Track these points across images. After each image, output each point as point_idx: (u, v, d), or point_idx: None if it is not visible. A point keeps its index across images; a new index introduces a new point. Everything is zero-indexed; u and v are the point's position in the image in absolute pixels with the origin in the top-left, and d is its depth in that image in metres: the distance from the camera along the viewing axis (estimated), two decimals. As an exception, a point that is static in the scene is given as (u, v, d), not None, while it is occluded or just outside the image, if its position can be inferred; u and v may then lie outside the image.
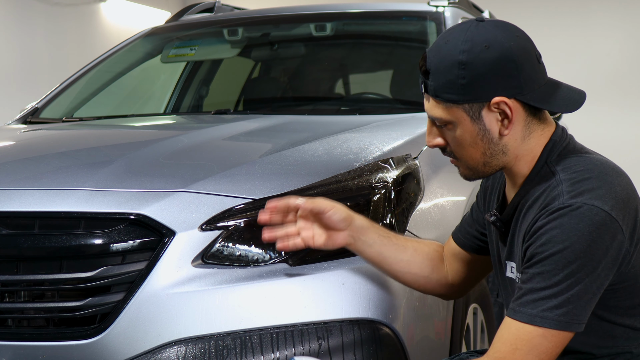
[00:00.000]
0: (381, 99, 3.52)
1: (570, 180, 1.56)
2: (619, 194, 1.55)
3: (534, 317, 1.53)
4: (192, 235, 1.87)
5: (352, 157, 2.16)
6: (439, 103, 1.63)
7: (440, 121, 1.65)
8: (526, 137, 1.64)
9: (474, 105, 1.60)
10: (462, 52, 1.58)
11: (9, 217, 1.92)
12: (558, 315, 1.52)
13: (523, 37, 1.62)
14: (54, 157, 2.35)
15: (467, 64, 1.57)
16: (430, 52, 1.64)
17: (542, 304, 1.53)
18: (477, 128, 1.62)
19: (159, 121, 3.39)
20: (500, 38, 1.58)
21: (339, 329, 1.85)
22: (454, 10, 3.47)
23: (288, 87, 3.78)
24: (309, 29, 3.63)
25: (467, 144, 1.64)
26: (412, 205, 2.16)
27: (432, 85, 1.62)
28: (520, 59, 1.58)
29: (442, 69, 1.60)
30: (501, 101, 1.59)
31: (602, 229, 1.51)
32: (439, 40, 1.64)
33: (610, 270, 1.54)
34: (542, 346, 1.54)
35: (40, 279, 1.86)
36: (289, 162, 2.15)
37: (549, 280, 1.52)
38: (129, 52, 3.74)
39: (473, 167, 1.68)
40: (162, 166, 2.14)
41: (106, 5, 7.80)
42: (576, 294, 1.52)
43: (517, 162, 1.66)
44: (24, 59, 6.85)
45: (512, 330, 1.56)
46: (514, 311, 1.57)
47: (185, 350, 1.80)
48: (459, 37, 1.60)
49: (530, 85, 1.59)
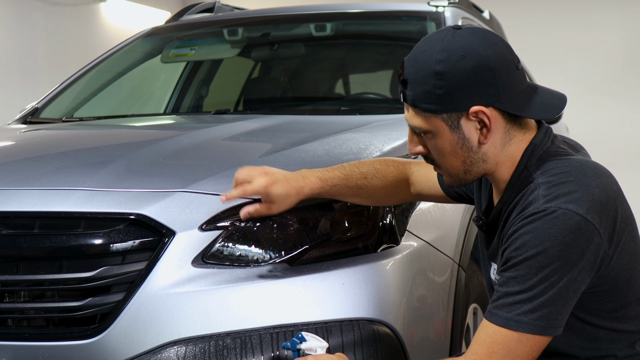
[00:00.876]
0: (381, 99, 3.52)
1: (547, 184, 1.56)
2: (597, 196, 1.54)
3: (509, 321, 1.54)
4: (192, 235, 1.87)
5: (352, 157, 2.16)
6: (417, 113, 1.62)
7: (420, 130, 1.64)
8: (506, 143, 1.63)
9: (452, 115, 1.59)
10: (438, 62, 1.57)
11: (9, 217, 1.92)
12: (533, 320, 1.52)
13: (500, 44, 1.60)
14: (54, 157, 2.35)
15: (444, 74, 1.56)
16: (408, 62, 1.63)
17: (517, 308, 1.53)
18: (456, 137, 1.61)
19: (159, 121, 3.39)
20: (477, 46, 1.57)
21: (339, 329, 1.85)
22: (454, 10, 3.47)
23: (288, 87, 3.78)
24: (309, 29, 3.63)
25: (447, 153, 1.64)
26: (412, 205, 2.16)
27: (410, 95, 1.62)
28: (498, 67, 1.56)
29: (419, 79, 1.59)
30: (479, 110, 1.58)
31: (576, 233, 1.51)
32: (416, 49, 1.63)
33: (587, 274, 1.54)
34: (518, 350, 1.54)
35: (40, 279, 1.86)
36: (289, 162, 2.15)
37: (523, 284, 1.53)
38: (129, 52, 3.74)
39: (454, 175, 1.68)
40: (162, 166, 2.14)
41: (106, 5, 7.80)
42: (551, 298, 1.52)
43: (498, 168, 1.65)
44: (23, 58, 6.85)
45: (489, 332, 1.56)
46: (490, 313, 1.57)
47: (185, 350, 1.80)
48: (435, 46, 1.59)
49: (509, 93, 1.58)
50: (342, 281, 1.89)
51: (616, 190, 1.59)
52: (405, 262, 2.01)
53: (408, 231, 2.09)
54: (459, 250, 2.30)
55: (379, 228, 2.01)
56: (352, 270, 1.90)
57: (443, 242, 2.23)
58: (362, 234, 1.99)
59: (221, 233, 1.89)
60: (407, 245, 2.05)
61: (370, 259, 1.95)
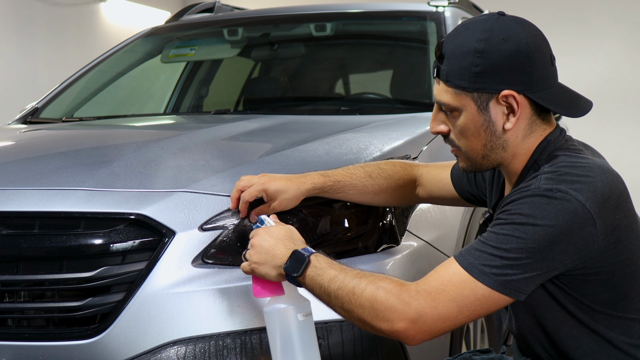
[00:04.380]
0: (381, 99, 3.52)
1: (552, 172, 1.57)
2: (599, 189, 1.54)
3: (472, 267, 1.52)
4: (192, 235, 1.87)
5: (352, 157, 2.16)
6: (448, 88, 1.63)
7: (447, 107, 1.65)
8: (527, 135, 1.64)
9: (482, 95, 1.61)
10: (479, 41, 1.59)
11: (9, 217, 1.92)
12: (495, 274, 1.51)
13: (540, 37, 1.63)
14: (54, 157, 2.35)
15: (483, 53, 1.58)
16: (448, 38, 1.65)
17: (485, 259, 1.52)
18: (482, 118, 1.62)
19: (159, 121, 3.39)
20: (518, 33, 1.60)
21: (339, 328, 1.85)
22: (454, 10, 3.47)
23: (288, 87, 3.78)
24: (309, 29, 3.63)
25: (470, 133, 1.65)
26: (412, 206, 2.16)
27: (444, 69, 1.63)
28: (535, 57, 1.59)
29: (457, 54, 1.61)
30: (510, 95, 1.59)
31: (571, 216, 1.51)
32: (458, 27, 1.66)
33: (569, 257, 1.53)
34: (468, 297, 1.52)
35: (40, 279, 1.86)
36: (289, 162, 2.15)
37: (501, 243, 1.52)
38: (129, 52, 3.74)
39: (472, 158, 1.69)
40: (162, 166, 2.14)
41: (106, 5, 7.80)
42: (522, 265, 1.51)
43: (514, 160, 1.66)
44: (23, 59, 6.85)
45: (449, 270, 1.55)
46: (460, 254, 1.57)
47: (185, 350, 1.80)
48: (478, 26, 1.62)
49: (541, 84, 1.60)
50: (342, 281, 1.89)
51: (622, 189, 1.59)
52: (405, 262, 2.01)
53: (408, 231, 2.09)
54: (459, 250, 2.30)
55: (379, 228, 2.01)
56: (352, 270, 1.90)
57: (443, 242, 2.23)
58: (362, 234, 1.99)
59: (221, 233, 1.89)
60: (407, 245, 2.05)
61: (370, 259, 1.95)
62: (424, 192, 2.01)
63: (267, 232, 1.73)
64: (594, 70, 7.64)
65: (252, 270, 1.72)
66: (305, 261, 1.64)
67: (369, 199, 1.97)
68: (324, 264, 1.64)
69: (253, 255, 1.72)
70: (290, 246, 1.69)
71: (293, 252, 1.67)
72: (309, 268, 1.64)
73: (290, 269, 1.66)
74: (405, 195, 2.01)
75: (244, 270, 1.74)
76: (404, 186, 1.99)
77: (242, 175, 1.93)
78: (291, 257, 1.66)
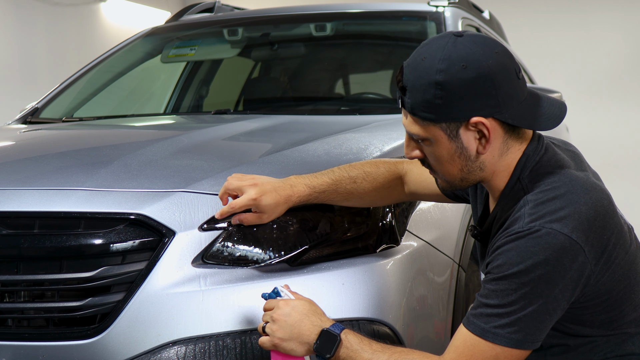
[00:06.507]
0: (381, 99, 3.52)
1: (535, 202, 1.56)
2: (584, 214, 1.53)
3: (485, 332, 1.54)
4: (192, 235, 1.87)
5: (352, 157, 2.16)
6: (416, 120, 1.61)
7: (418, 137, 1.64)
8: (504, 153, 1.62)
9: (451, 124, 1.58)
10: (438, 72, 1.55)
11: (9, 217, 1.92)
12: (509, 333, 1.53)
13: (502, 53, 1.58)
14: (54, 157, 2.35)
15: (444, 84, 1.54)
16: (407, 68, 1.61)
17: (494, 320, 1.54)
18: (454, 146, 1.60)
19: (159, 121, 3.39)
20: (478, 56, 1.55)
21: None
22: (454, 10, 3.47)
23: (288, 87, 3.78)
24: (309, 29, 3.63)
25: (445, 160, 1.64)
26: (412, 205, 2.16)
27: (408, 102, 1.60)
28: (499, 78, 1.55)
29: (418, 87, 1.57)
30: (479, 121, 1.57)
31: (560, 252, 1.50)
32: (416, 56, 1.61)
33: (570, 292, 1.54)
34: None
35: (40, 279, 1.86)
36: (289, 162, 2.15)
37: (502, 298, 1.53)
38: (129, 52, 3.74)
39: (450, 182, 1.68)
40: (162, 166, 2.14)
41: (106, 5, 7.80)
42: (529, 314, 1.52)
43: (495, 177, 1.65)
44: (23, 58, 6.85)
45: (466, 341, 1.57)
46: (469, 321, 1.58)
47: (185, 350, 1.80)
48: (435, 54, 1.57)
49: (509, 104, 1.57)
50: (342, 281, 1.89)
51: (606, 205, 1.58)
52: (405, 262, 2.01)
53: (408, 231, 2.09)
54: (459, 250, 2.30)
55: (379, 228, 2.01)
56: (352, 270, 1.90)
57: (443, 242, 2.23)
58: (362, 234, 1.99)
59: (221, 233, 1.89)
60: (407, 245, 2.05)
61: (370, 259, 1.95)
62: (409, 190, 2.00)
63: (289, 305, 1.70)
64: (594, 70, 7.64)
65: (274, 345, 1.70)
66: (337, 341, 1.65)
67: (355, 202, 1.96)
68: (355, 343, 1.65)
69: (276, 331, 1.69)
70: (316, 322, 1.68)
71: (323, 331, 1.66)
72: (340, 349, 1.64)
73: (321, 349, 1.65)
74: (390, 195, 2.00)
75: (263, 345, 1.72)
76: (389, 187, 1.98)
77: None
78: (321, 337, 1.66)
